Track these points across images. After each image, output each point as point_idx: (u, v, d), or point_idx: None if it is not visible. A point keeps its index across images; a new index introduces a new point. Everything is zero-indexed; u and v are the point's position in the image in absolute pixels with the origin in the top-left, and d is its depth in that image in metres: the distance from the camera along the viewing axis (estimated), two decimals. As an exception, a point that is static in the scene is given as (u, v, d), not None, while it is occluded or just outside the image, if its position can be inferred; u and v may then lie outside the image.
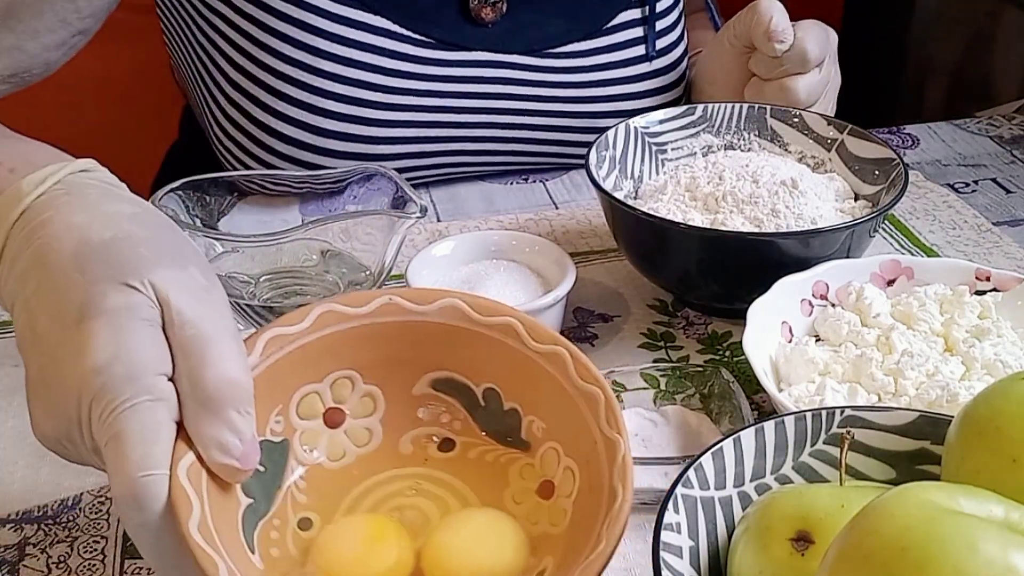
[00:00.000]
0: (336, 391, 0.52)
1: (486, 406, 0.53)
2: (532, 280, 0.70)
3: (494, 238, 0.73)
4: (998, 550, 0.35)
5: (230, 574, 0.43)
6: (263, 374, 0.49)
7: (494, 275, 0.69)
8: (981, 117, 1.03)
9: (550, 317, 0.68)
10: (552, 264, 0.70)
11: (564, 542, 0.48)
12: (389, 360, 0.53)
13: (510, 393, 0.53)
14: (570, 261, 0.69)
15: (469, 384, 0.53)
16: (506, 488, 0.52)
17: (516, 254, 0.72)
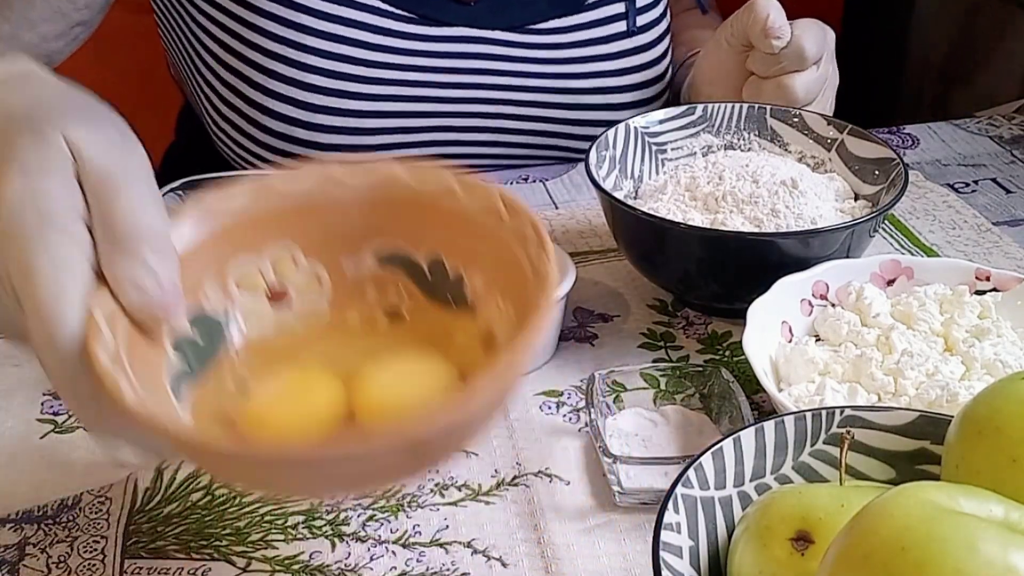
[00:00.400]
0: (279, 268, 0.51)
1: (432, 278, 0.52)
2: None
3: None
4: (998, 550, 0.35)
5: (137, 398, 0.41)
6: (196, 248, 0.48)
7: None
8: (981, 117, 1.03)
9: (550, 317, 0.68)
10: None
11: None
12: (329, 236, 0.51)
13: (453, 257, 0.52)
14: (570, 261, 0.69)
15: (414, 257, 0.53)
16: (451, 348, 0.51)
17: None
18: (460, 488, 0.61)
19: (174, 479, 0.61)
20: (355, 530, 0.58)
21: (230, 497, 0.60)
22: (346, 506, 0.59)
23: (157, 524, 0.59)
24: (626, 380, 0.64)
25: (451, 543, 0.57)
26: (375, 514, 0.59)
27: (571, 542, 0.57)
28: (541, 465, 0.62)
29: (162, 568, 0.56)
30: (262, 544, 0.57)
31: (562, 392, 0.67)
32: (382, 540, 0.57)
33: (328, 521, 0.59)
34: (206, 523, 0.59)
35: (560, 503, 0.59)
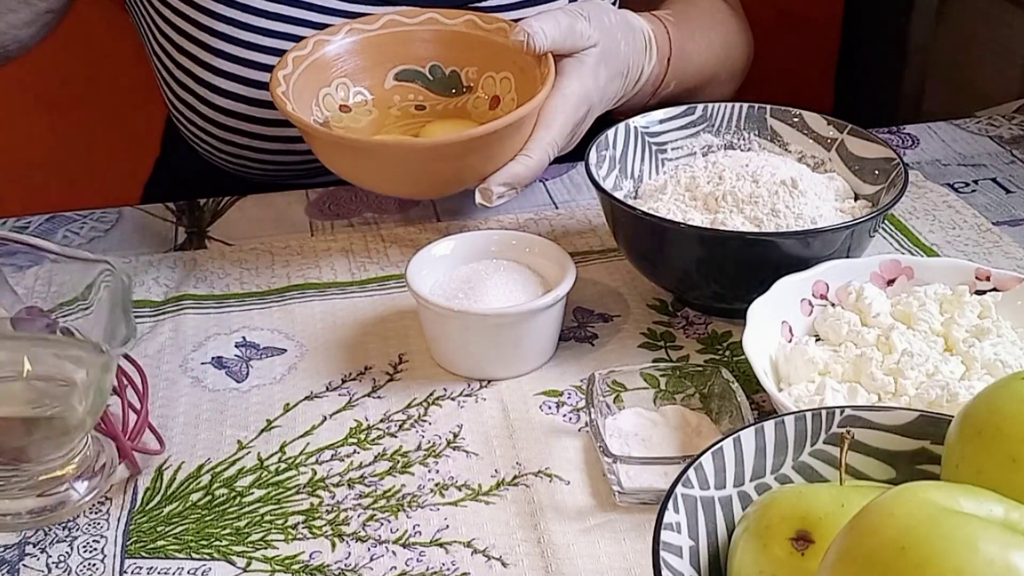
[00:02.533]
0: (339, 92, 0.83)
1: (433, 78, 0.85)
2: (532, 280, 0.70)
3: (494, 238, 0.73)
4: (998, 550, 0.35)
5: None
6: (297, 81, 0.79)
7: (494, 275, 0.69)
8: (981, 117, 1.02)
9: (550, 317, 0.68)
10: (552, 264, 0.70)
11: (517, 106, 0.77)
12: (364, 67, 0.84)
13: (448, 62, 0.85)
14: (570, 261, 0.69)
15: (418, 68, 0.85)
16: (468, 116, 0.84)
17: (516, 254, 0.72)
18: (460, 488, 0.61)
19: (174, 479, 0.61)
20: (355, 530, 0.58)
21: (230, 497, 0.60)
22: (346, 506, 0.59)
23: (157, 524, 0.59)
24: (626, 380, 0.64)
25: (451, 543, 0.57)
26: (375, 514, 0.59)
27: (571, 542, 0.57)
28: (541, 465, 0.62)
29: (162, 568, 0.56)
30: (262, 544, 0.57)
31: (562, 392, 0.67)
32: (382, 540, 0.57)
33: (328, 521, 0.59)
34: (206, 523, 0.59)
35: (560, 503, 0.59)
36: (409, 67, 0.85)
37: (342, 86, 0.83)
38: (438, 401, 0.67)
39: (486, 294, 0.67)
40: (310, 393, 0.68)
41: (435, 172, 0.76)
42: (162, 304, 0.76)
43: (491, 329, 0.66)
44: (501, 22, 0.83)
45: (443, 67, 0.85)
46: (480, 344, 0.67)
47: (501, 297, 0.67)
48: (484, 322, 0.66)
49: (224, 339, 0.73)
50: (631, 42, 0.84)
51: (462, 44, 0.84)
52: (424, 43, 0.85)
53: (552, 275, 0.70)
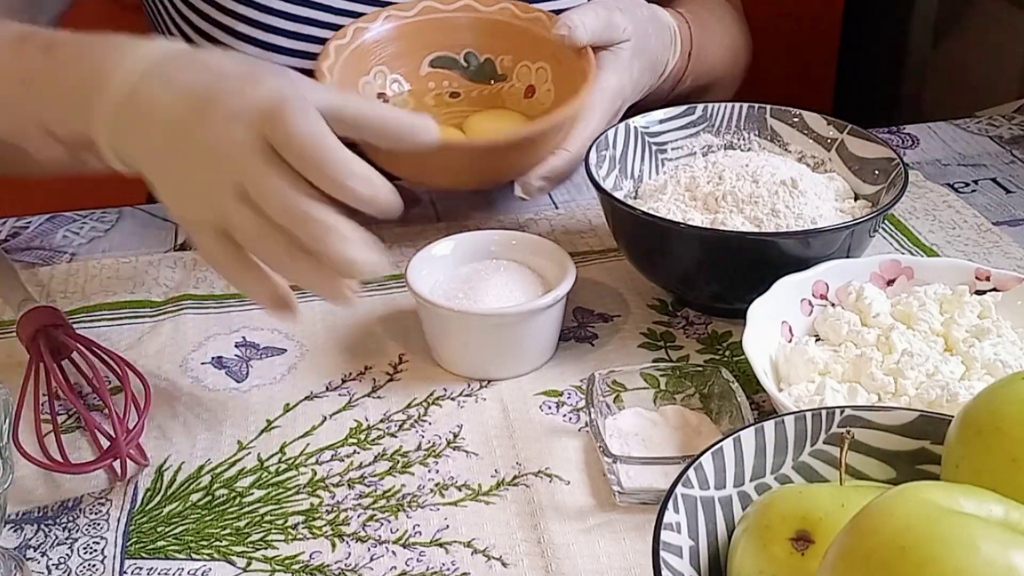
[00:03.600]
0: (378, 80, 0.84)
1: (468, 65, 0.86)
2: (532, 280, 0.70)
3: (494, 238, 0.73)
4: (998, 550, 0.35)
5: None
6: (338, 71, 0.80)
7: (494, 275, 0.69)
8: (981, 117, 1.02)
9: (550, 317, 0.68)
10: (552, 264, 0.70)
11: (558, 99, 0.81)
12: (400, 53, 0.85)
13: (483, 49, 0.86)
14: (570, 261, 0.69)
15: (453, 55, 0.86)
16: (503, 104, 0.85)
17: (516, 254, 0.72)
18: (460, 488, 0.61)
19: (174, 479, 0.61)
20: (355, 530, 0.58)
21: (230, 497, 0.60)
22: (346, 506, 0.59)
23: (157, 524, 0.59)
24: (626, 380, 0.64)
25: (451, 543, 0.57)
26: (375, 514, 0.59)
27: (571, 542, 0.57)
28: (541, 465, 0.62)
29: (162, 569, 0.56)
30: (262, 544, 0.57)
31: (562, 392, 0.67)
32: (382, 540, 0.57)
33: (328, 521, 0.59)
34: (206, 523, 0.59)
35: (560, 503, 0.59)
36: (444, 54, 0.86)
37: (380, 74, 0.84)
38: (438, 401, 0.67)
39: (486, 294, 0.67)
40: (310, 393, 0.68)
41: (482, 168, 0.78)
42: (162, 304, 0.76)
43: (491, 329, 0.66)
44: (538, 12, 0.84)
45: (478, 55, 0.86)
46: (480, 344, 0.67)
47: (501, 297, 0.67)
48: (485, 322, 0.66)
49: (224, 339, 0.73)
50: (660, 36, 0.86)
51: (498, 32, 0.85)
52: (460, 30, 0.86)
53: (552, 275, 0.70)
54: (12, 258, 0.80)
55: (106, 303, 0.76)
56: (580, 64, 0.79)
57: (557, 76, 0.83)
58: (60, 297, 0.77)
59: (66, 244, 0.84)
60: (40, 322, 0.68)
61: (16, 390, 0.65)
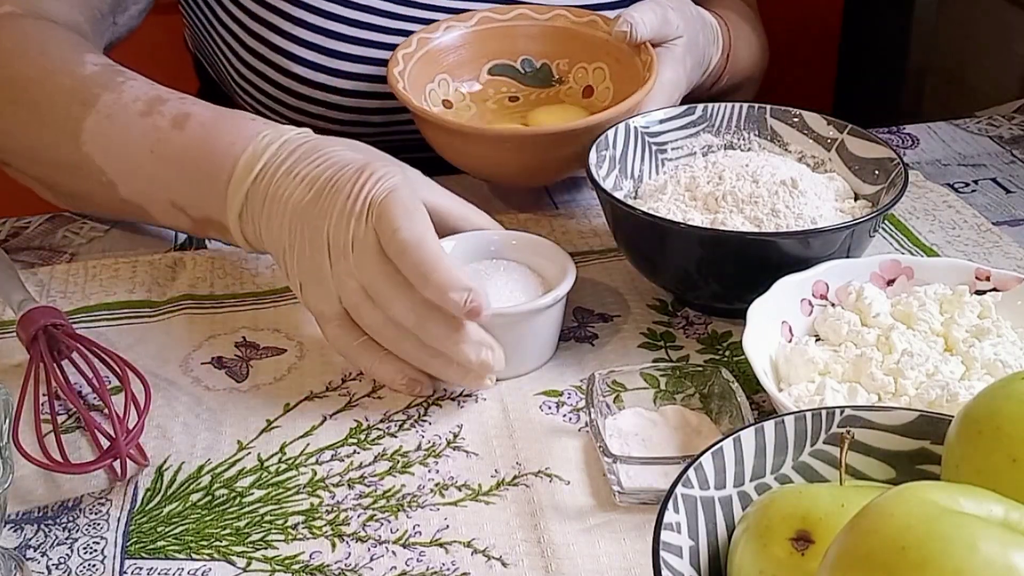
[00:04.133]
0: (441, 88, 0.87)
1: (525, 72, 0.90)
2: (532, 280, 0.70)
3: (494, 238, 0.73)
4: (998, 550, 0.35)
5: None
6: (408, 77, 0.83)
7: (494, 275, 0.69)
8: (981, 117, 1.02)
9: (550, 317, 0.68)
10: (552, 264, 0.70)
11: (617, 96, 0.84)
12: (461, 62, 0.88)
13: (539, 55, 0.89)
14: (570, 261, 0.69)
15: (510, 62, 0.89)
16: (561, 105, 0.88)
17: (516, 254, 0.72)
18: (460, 488, 0.61)
19: (174, 479, 0.61)
20: (355, 530, 0.58)
21: (230, 497, 0.60)
22: (346, 506, 0.59)
23: (157, 524, 0.59)
24: (626, 380, 0.64)
25: (451, 543, 0.57)
26: (375, 514, 0.59)
27: (571, 542, 0.57)
28: (541, 465, 0.62)
29: (162, 569, 0.56)
30: (262, 544, 0.57)
31: (562, 392, 0.67)
32: (382, 540, 0.57)
33: (328, 521, 0.59)
34: (206, 523, 0.59)
35: (560, 503, 0.59)
36: (502, 62, 0.89)
37: (443, 81, 0.87)
38: (438, 401, 0.67)
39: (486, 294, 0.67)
40: (310, 393, 0.68)
41: (548, 159, 0.80)
42: (162, 304, 0.76)
43: (492, 329, 0.66)
44: (592, 15, 0.88)
45: (534, 60, 0.89)
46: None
47: (501, 297, 0.67)
48: (494, 321, 0.66)
49: (224, 339, 0.73)
50: (706, 33, 0.88)
51: (553, 38, 0.89)
52: (516, 38, 0.89)
53: (552, 275, 0.70)
54: (12, 258, 0.80)
55: (106, 303, 0.76)
56: (639, 60, 0.82)
57: (615, 74, 0.86)
58: (60, 297, 0.77)
59: (66, 244, 0.84)
60: (40, 322, 0.68)
61: (16, 390, 0.65)
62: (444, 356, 0.63)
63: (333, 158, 0.67)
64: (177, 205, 0.72)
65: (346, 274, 0.64)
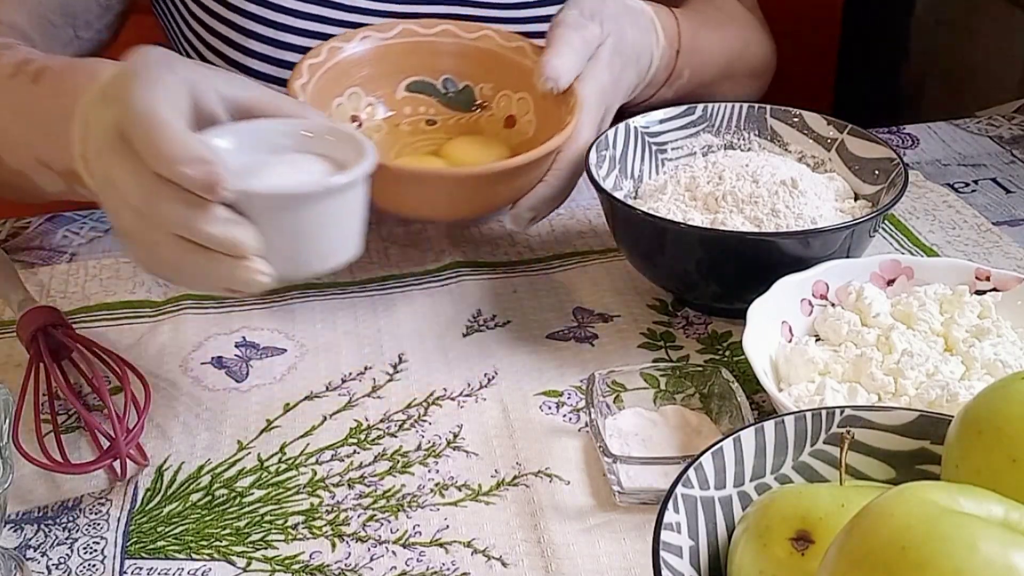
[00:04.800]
0: (351, 102, 0.79)
1: (446, 92, 0.82)
2: (327, 169, 0.62)
3: (281, 128, 0.64)
4: (998, 550, 0.35)
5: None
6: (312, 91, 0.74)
7: (278, 166, 0.61)
8: (981, 117, 1.02)
9: (336, 205, 0.60)
10: (356, 155, 0.62)
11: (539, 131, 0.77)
12: (377, 75, 0.80)
13: (461, 76, 0.82)
14: (370, 147, 0.61)
15: (431, 80, 0.82)
16: (481, 132, 0.81)
17: (312, 146, 0.64)
18: (460, 488, 0.61)
19: (174, 479, 0.61)
20: (355, 530, 0.58)
21: (230, 497, 0.60)
22: (346, 506, 0.59)
23: (157, 524, 0.59)
24: (626, 380, 0.64)
25: (451, 543, 0.57)
26: (375, 514, 0.59)
27: (571, 542, 0.57)
28: (541, 465, 0.62)
29: (162, 569, 0.56)
30: (262, 544, 0.57)
31: (562, 392, 0.67)
32: (382, 540, 0.57)
33: (328, 521, 0.59)
34: (206, 523, 0.59)
35: (560, 503, 0.59)
36: (422, 79, 0.82)
37: (354, 95, 0.79)
38: (438, 401, 0.67)
39: (270, 177, 0.60)
40: (310, 393, 0.68)
41: (466, 198, 0.72)
42: (162, 304, 0.76)
43: (265, 219, 0.57)
44: (520, 41, 0.81)
45: (456, 81, 0.82)
46: (266, 233, 0.58)
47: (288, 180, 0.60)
48: (266, 204, 0.58)
49: (224, 339, 0.73)
50: (636, 25, 0.82)
51: (479, 60, 0.82)
52: (439, 55, 0.82)
53: (353, 163, 0.61)
54: (12, 258, 0.80)
55: (106, 303, 0.76)
56: (564, 96, 0.75)
57: (539, 108, 0.79)
58: (60, 297, 0.77)
59: (66, 244, 0.84)
60: (40, 322, 0.68)
61: (16, 390, 0.65)
62: (199, 250, 0.56)
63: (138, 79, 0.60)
64: (42, 161, 0.67)
65: (101, 167, 0.58)
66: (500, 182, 0.71)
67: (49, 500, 0.60)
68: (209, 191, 0.54)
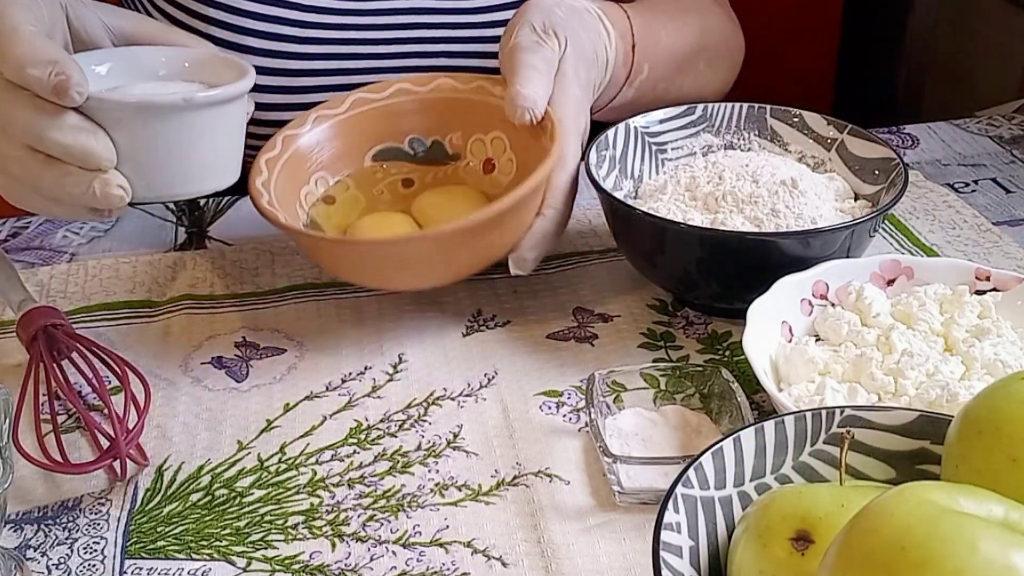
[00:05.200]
0: (320, 187, 0.74)
1: (415, 152, 0.78)
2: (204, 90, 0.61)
3: (162, 56, 0.62)
4: (998, 550, 0.35)
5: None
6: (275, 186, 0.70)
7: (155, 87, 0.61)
8: (981, 117, 1.03)
9: (204, 121, 0.59)
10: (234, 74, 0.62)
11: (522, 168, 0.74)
12: (339, 155, 0.76)
13: (428, 132, 0.78)
14: (250, 71, 0.62)
15: (396, 144, 0.77)
16: (460, 181, 0.77)
17: (192, 74, 0.63)
18: (460, 488, 0.61)
19: (174, 479, 0.61)
20: (355, 530, 0.58)
21: (230, 497, 0.60)
22: (346, 506, 0.59)
23: (157, 524, 0.59)
24: (626, 380, 0.64)
25: (451, 543, 0.57)
26: (375, 514, 0.59)
27: (571, 542, 0.57)
28: (541, 465, 0.62)
29: (162, 569, 0.56)
30: (262, 544, 0.57)
31: (562, 392, 0.67)
32: (382, 540, 0.57)
33: (328, 521, 0.59)
34: (206, 523, 0.59)
35: (560, 503, 0.59)
36: (387, 145, 0.78)
37: (321, 180, 0.75)
38: (438, 401, 0.67)
39: (80, 72, 0.57)
40: (310, 393, 0.68)
41: (455, 257, 0.68)
42: (162, 304, 0.76)
43: (130, 130, 0.56)
44: (479, 79, 0.76)
45: (423, 139, 0.78)
46: (138, 147, 0.57)
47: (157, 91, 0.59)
48: (121, 113, 0.56)
49: (224, 339, 0.73)
50: (585, 24, 0.78)
51: (439, 111, 0.77)
52: (399, 116, 0.77)
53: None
54: (12, 258, 0.80)
55: (106, 303, 0.76)
56: (541, 123, 0.71)
57: (516, 142, 0.75)
58: (60, 297, 0.77)
59: (66, 244, 0.84)
60: (40, 322, 0.68)
61: (16, 390, 0.65)
62: (53, 164, 0.54)
63: None
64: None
65: None
66: (491, 230, 0.66)
67: (49, 500, 0.60)
68: (59, 94, 0.53)
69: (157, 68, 0.61)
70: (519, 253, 0.69)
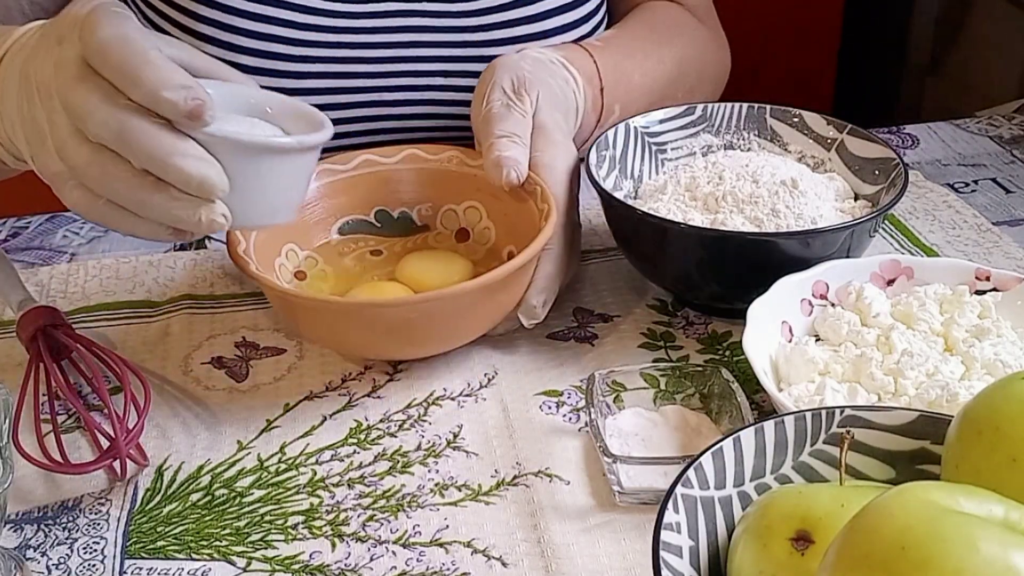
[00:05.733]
0: (290, 259, 0.73)
1: (381, 224, 0.77)
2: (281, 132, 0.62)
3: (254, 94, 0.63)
4: (998, 550, 0.35)
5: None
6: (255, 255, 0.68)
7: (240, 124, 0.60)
8: (981, 117, 1.03)
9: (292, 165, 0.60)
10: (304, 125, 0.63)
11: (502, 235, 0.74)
12: (307, 227, 0.74)
13: (394, 204, 0.77)
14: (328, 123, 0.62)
15: (362, 216, 0.77)
16: (436, 253, 0.75)
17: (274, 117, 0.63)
18: (460, 488, 0.61)
19: (174, 479, 0.61)
20: (355, 530, 0.58)
21: (230, 497, 0.60)
22: (346, 506, 0.59)
23: (157, 524, 0.59)
24: (626, 380, 0.64)
25: (451, 543, 0.57)
26: (375, 514, 0.59)
27: (571, 542, 0.57)
28: (541, 465, 0.62)
29: (162, 569, 0.56)
30: (262, 544, 0.57)
31: (562, 392, 0.67)
32: (382, 540, 0.57)
33: (328, 521, 0.59)
34: (206, 523, 0.59)
35: (560, 503, 0.59)
36: (352, 218, 0.76)
37: (291, 252, 0.73)
38: (438, 401, 0.67)
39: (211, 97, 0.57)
40: (310, 393, 0.68)
41: (470, 318, 0.67)
42: (162, 304, 0.76)
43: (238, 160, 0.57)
44: (451, 150, 0.76)
45: (390, 211, 0.77)
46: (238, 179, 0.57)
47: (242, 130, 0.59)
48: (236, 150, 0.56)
49: (224, 339, 0.73)
50: (553, 73, 0.78)
51: (408, 183, 0.76)
52: (365, 189, 0.76)
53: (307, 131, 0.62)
54: (12, 258, 0.80)
55: (106, 303, 0.76)
56: (525, 183, 0.69)
57: (494, 210, 0.74)
58: (60, 297, 0.77)
59: (66, 244, 0.84)
60: (40, 322, 0.68)
61: (16, 390, 0.65)
62: (162, 188, 0.54)
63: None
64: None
65: (53, 112, 0.55)
66: (500, 291, 0.65)
67: (49, 500, 0.60)
68: (194, 118, 0.53)
69: (247, 101, 0.62)
70: (528, 302, 0.68)
